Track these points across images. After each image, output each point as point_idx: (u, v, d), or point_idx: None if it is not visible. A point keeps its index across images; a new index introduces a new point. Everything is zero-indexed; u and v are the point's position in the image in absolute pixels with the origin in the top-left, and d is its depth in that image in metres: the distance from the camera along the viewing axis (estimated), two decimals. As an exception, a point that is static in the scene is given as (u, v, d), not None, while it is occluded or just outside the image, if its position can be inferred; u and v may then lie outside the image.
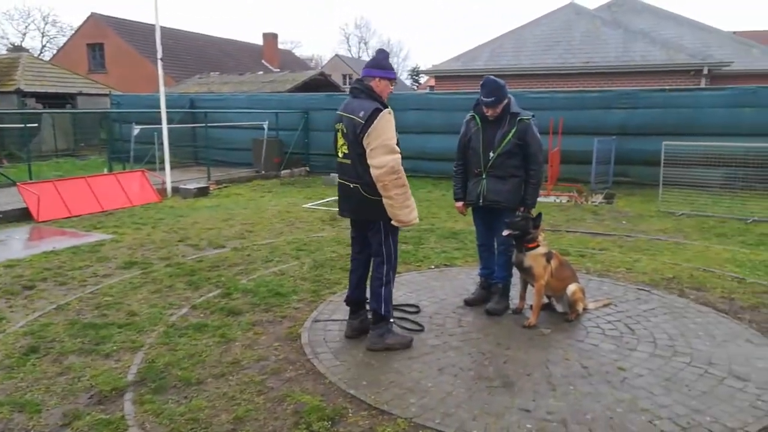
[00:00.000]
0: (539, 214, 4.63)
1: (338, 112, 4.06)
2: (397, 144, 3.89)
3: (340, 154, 4.07)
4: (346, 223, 8.57)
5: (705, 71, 16.56)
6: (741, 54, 19.62)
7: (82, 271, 6.04)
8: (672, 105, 12.00)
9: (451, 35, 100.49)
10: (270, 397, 3.44)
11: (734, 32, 24.43)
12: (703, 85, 16.08)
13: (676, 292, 5.37)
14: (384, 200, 3.88)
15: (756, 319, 4.68)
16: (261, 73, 26.92)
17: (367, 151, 3.81)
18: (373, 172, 3.80)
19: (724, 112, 11.55)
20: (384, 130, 3.79)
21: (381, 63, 4.05)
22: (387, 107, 3.91)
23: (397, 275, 5.81)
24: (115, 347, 4.14)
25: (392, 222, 3.97)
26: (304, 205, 10.28)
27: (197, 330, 4.43)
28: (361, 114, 3.82)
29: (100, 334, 4.34)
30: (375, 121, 3.77)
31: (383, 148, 3.78)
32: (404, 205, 3.88)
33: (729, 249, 6.99)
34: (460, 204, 5.03)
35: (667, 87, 13.63)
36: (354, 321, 4.34)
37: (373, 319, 4.17)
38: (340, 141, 4.04)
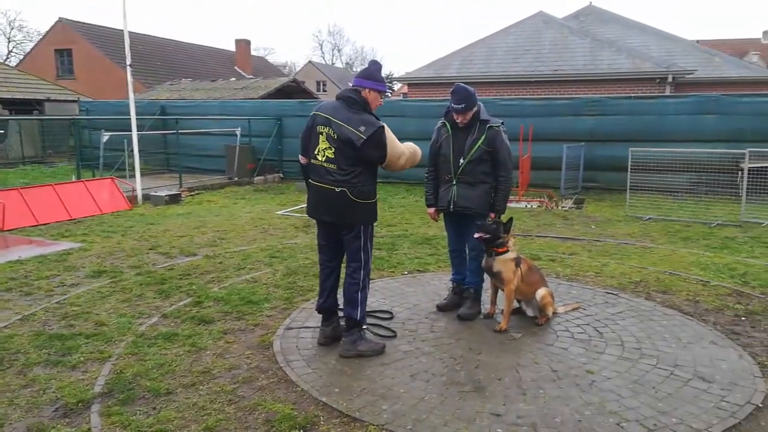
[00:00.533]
0: (510, 219, 4.70)
1: (324, 115, 3.99)
2: None
3: (320, 158, 3.98)
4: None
5: (670, 79, 17.00)
6: (704, 62, 20.21)
7: (48, 281, 5.91)
8: (638, 112, 12.31)
9: (424, 43, 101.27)
10: (241, 407, 3.41)
11: (697, 41, 25.17)
12: (667, 93, 16.50)
13: (643, 296, 5.49)
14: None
15: (720, 321, 4.81)
16: (233, 79, 26.74)
17: (383, 163, 4.07)
18: (394, 171, 4.24)
19: (688, 118, 11.89)
20: (394, 143, 4.03)
21: (373, 74, 4.08)
22: (378, 119, 4.00)
23: (370, 281, 5.86)
24: (82, 358, 4.06)
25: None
26: (277, 212, 10.22)
27: (167, 339, 4.37)
28: (362, 129, 3.85)
29: (67, 345, 4.25)
30: (386, 140, 3.94)
31: (398, 157, 4.08)
32: (410, 161, 4.21)
33: (694, 252, 7.18)
34: (431, 210, 5.07)
35: (633, 94, 13.97)
36: (326, 328, 4.33)
37: (346, 325, 4.17)
38: (323, 144, 3.97)
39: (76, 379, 3.75)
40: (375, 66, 4.16)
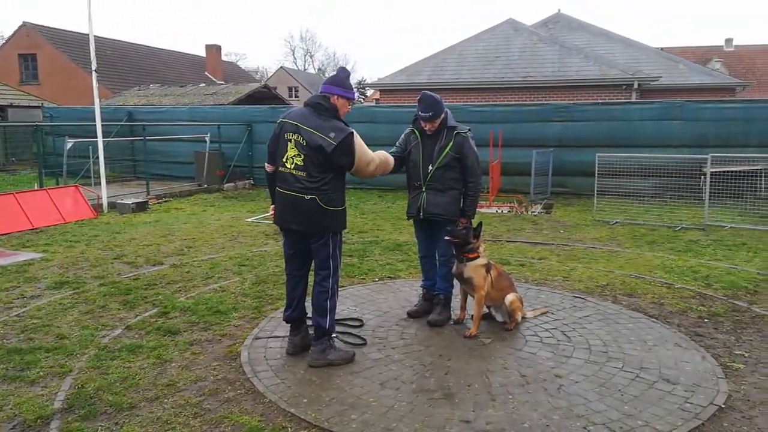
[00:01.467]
0: (480, 224, 4.73)
1: (292, 122, 3.96)
2: None
3: (289, 165, 3.94)
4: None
5: (635, 85, 17.40)
6: (668, 69, 20.73)
7: (8, 293, 5.72)
8: (605, 118, 12.58)
9: (397, 49, 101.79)
10: (206, 420, 3.34)
11: (662, 48, 25.81)
12: (633, 99, 16.87)
13: (609, 299, 5.57)
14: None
15: (684, 323, 4.91)
16: (203, 85, 26.43)
17: (352, 168, 4.05)
18: (364, 177, 4.28)
19: (653, 124, 12.19)
20: (362, 149, 4.03)
21: (342, 81, 4.07)
22: (347, 125, 4.01)
23: (341, 288, 5.82)
24: (41, 373, 3.93)
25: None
26: (247, 219, 10.11)
27: (131, 352, 4.26)
28: (332, 135, 3.84)
29: (26, 360, 4.11)
30: (355, 146, 3.93)
31: (367, 164, 4.09)
32: (387, 165, 4.38)
33: (659, 256, 7.32)
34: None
35: (600, 101, 14.25)
36: (295, 337, 4.28)
37: (315, 334, 4.13)
38: (292, 152, 3.93)
39: (35, 394, 3.63)
40: (343, 73, 4.16)
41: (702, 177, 10.35)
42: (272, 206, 4.22)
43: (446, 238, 4.62)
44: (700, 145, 11.36)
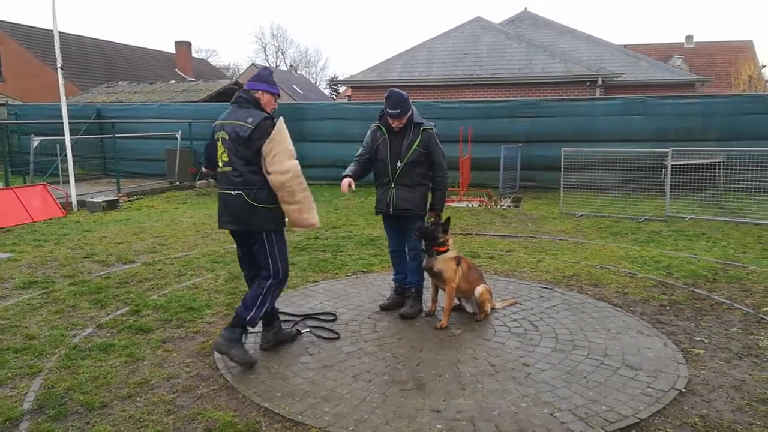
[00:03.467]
0: (448, 219, 4.82)
1: (219, 122, 4.04)
2: None
3: (221, 164, 3.99)
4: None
5: (599, 82, 17.78)
6: (631, 66, 21.23)
7: (-28, 295, 5.61)
8: (570, 114, 12.85)
9: (368, 46, 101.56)
10: (180, 417, 3.36)
11: (625, 45, 26.34)
12: (597, 95, 17.23)
13: (575, 289, 5.73)
14: (291, 206, 3.92)
15: (646, 312, 5.08)
16: (173, 82, 26.02)
17: (269, 157, 3.82)
18: (278, 178, 3.83)
19: (617, 119, 12.51)
20: (286, 137, 3.91)
21: (265, 78, 4.11)
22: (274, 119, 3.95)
23: (314, 284, 5.87)
24: (9, 374, 3.88)
25: (295, 227, 4.06)
26: (219, 217, 10.03)
27: (102, 351, 4.24)
28: (250, 120, 3.84)
29: (-7, 361, 4.06)
30: (275, 129, 3.84)
31: (286, 153, 3.86)
32: (311, 207, 4.01)
33: (623, 247, 7.54)
34: (346, 181, 4.87)
35: (565, 97, 14.53)
36: (268, 333, 4.31)
37: (233, 320, 4.03)
38: (221, 149, 3.99)
39: (3, 396, 3.59)
40: (266, 71, 4.19)
41: (663, 170, 10.67)
42: None
43: (414, 234, 4.71)
44: (662, 140, 11.71)
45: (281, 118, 3.95)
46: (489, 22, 21.59)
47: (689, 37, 38.44)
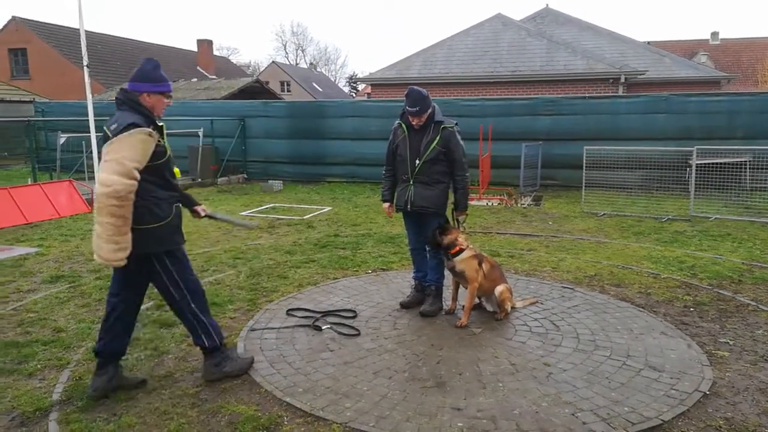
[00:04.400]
0: (444, 223, 4.80)
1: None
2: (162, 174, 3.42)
3: None
4: (285, 229, 8.65)
5: (622, 79, 17.56)
6: (655, 63, 20.93)
7: (4, 287, 5.75)
8: (592, 111, 12.72)
9: (387, 43, 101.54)
10: (204, 410, 3.41)
11: (649, 42, 26.00)
12: (620, 93, 17.03)
13: (597, 289, 5.68)
14: (95, 227, 3.24)
15: (670, 313, 5.02)
16: (195, 80, 26.33)
17: (102, 161, 3.22)
18: (97, 187, 3.16)
19: (640, 117, 12.34)
20: (127, 147, 3.19)
21: (149, 74, 3.42)
22: (154, 123, 3.40)
23: (334, 281, 5.91)
24: (39, 366, 3.98)
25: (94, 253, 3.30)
26: (241, 213, 10.15)
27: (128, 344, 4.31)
28: (113, 127, 3.26)
29: (23, 353, 4.16)
30: (124, 134, 3.19)
31: (117, 165, 3.14)
32: (113, 240, 3.18)
33: (645, 247, 7.45)
34: (386, 205, 5.17)
35: (587, 94, 14.38)
36: (99, 378, 3.52)
37: (203, 353, 3.78)
38: None
39: (33, 387, 3.69)
40: (149, 64, 3.46)
41: (688, 169, 10.51)
42: None
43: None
44: (686, 138, 11.52)
45: (149, 129, 3.29)
46: (510, 19, 21.44)
47: (715, 34, 37.74)
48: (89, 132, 11.15)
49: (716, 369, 3.92)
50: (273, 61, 58.72)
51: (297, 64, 67.10)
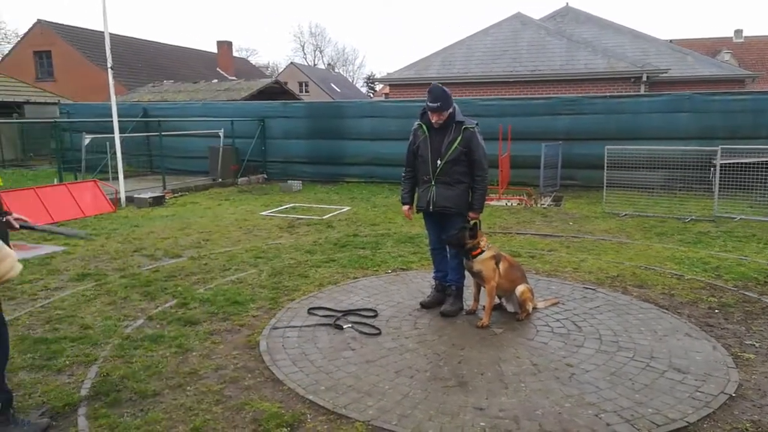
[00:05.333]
0: (474, 225, 4.78)
1: None
2: None
3: None
4: (305, 229, 8.72)
5: (644, 78, 17.33)
6: (677, 61, 20.61)
7: (32, 285, 5.88)
8: (613, 111, 12.58)
9: (405, 44, 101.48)
10: (228, 406, 3.46)
11: (671, 40, 25.60)
12: (642, 92, 16.81)
13: (619, 290, 5.63)
14: None
15: (694, 314, 4.96)
16: (216, 81, 26.61)
17: None
18: None
19: (662, 117, 12.18)
20: None
21: None
22: None
23: (354, 280, 5.94)
24: (67, 362, 4.07)
25: None
26: (261, 213, 10.24)
27: (153, 341, 4.40)
28: None
29: (52, 349, 4.25)
30: None
31: None
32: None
33: (669, 247, 7.36)
34: (406, 208, 5.19)
35: (608, 94, 14.23)
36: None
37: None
38: None
39: (61, 382, 3.77)
40: None
41: (712, 169, 10.35)
42: None
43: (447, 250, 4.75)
44: (709, 137, 11.35)
45: None
46: (529, 18, 21.30)
47: (738, 32, 37.02)
48: (113, 133, 11.35)
49: (742, 371, 3.87)
50: (291, 62, 59.09)
51: (315, 65, 67.41)
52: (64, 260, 6.89)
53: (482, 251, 4.72)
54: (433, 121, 4.78)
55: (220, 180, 14.42)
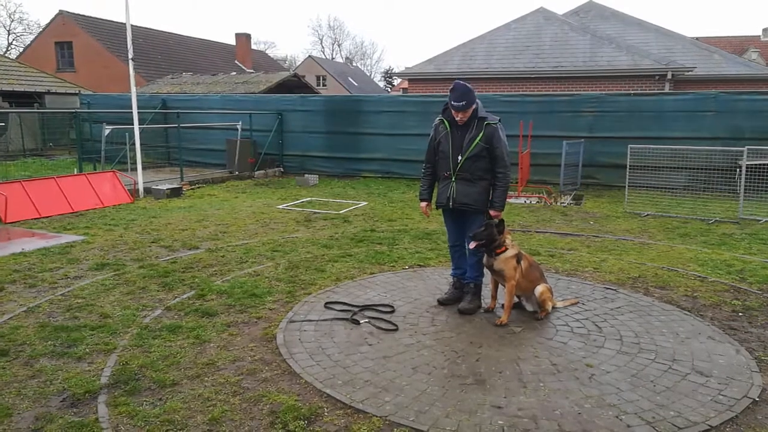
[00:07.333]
0: (501, 221, 4.72)
1: None
2: None
3: None
4: (321, 223, 8.72)
5: (669, 76, 17.02)
6: (703, 59, 20.22)
7: (52, 273, 5.95)
8: (637, 109, 12.36)
9: (425, 38, 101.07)
10: (246, 398, 3.46)
11: (697, 38, 25.15)
12: (666, 90, 16.53)
13: (641, 291, 5.54)
14: None
15: (717, 317, 4.87)
16: (234, 73, 26.72)
17: None
18: None
19: (687, 116, 11.95)
20: None
21: None
22: None
23: (371, 276, 5.92)
24: (87, 350, 4.10)
25: None
26: (278, 206, 10.26)
27: (171, 332, 4.42)
28: None
29: (72, 337, 4.30)
30: None
31: None
32: None
33: (692, 249, 7.23)
34: (424, 204, 5.15)
35: (632, 91, 14.00)
36: None
37: None
38: None
39: (82, 370, 3.80)
40: None
41: (737, 170, 10.15)
42: None
43: (471, 246, 4.65)
44: (735, 138, 11.13)
45: None
46: (552, 13, 21.04)
47: (766, 30, 36.32)
48: (131, 124, 11.44)
49: (766, 375, 3.80)
50: (309, 56, 59.17)
51: (333, 58, 67.45)
52: (84, 249, 6.96)
53: (506, 249, 4.67)
54: (457, 119, 4.73)
55: (237, 173, 14.48)
